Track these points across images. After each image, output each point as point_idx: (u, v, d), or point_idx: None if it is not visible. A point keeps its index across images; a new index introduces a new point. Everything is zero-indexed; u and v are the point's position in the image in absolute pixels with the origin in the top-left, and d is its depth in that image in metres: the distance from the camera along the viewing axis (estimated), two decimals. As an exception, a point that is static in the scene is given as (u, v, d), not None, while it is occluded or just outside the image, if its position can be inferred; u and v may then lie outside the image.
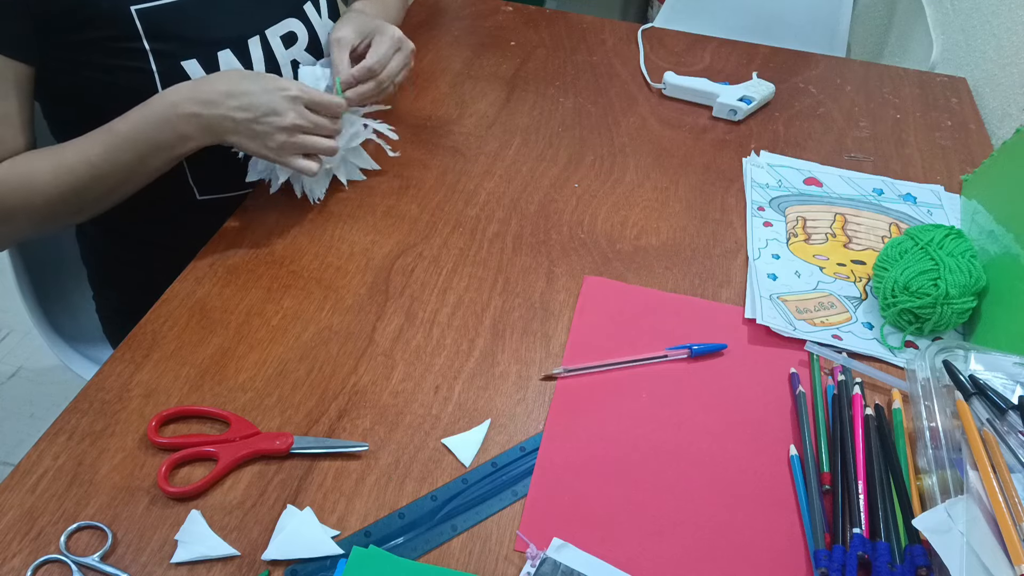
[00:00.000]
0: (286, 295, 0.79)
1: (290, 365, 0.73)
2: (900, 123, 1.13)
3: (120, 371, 0.71)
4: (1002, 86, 1.18)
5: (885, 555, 0.58)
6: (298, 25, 0.91)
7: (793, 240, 0.91)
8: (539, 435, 0.68)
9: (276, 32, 0.89)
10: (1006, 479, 0.58)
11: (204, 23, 0.82)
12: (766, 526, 0.63)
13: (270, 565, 0.58)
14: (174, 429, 0.67)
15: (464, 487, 0.64)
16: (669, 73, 1.15)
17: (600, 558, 0.60)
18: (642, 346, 0.76)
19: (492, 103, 1.11)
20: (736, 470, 0.67)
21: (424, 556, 0.60)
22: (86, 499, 0.61)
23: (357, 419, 0.69)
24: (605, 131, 1.07)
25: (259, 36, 0.87)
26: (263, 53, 0.88)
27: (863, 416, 0.69)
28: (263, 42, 0.88)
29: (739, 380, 0.74)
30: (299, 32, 0.92)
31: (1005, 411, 0.65)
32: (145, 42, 0.79)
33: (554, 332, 0.78)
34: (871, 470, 0.65)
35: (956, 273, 0.76)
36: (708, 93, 1.12)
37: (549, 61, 1.22)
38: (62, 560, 0.58)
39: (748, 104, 1.10)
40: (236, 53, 0.85)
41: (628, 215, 0.93)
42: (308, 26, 0.93)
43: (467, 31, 1.29)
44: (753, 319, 0.80)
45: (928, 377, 0.68)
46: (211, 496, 0.62)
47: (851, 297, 0.84)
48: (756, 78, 1.15)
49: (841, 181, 1.00)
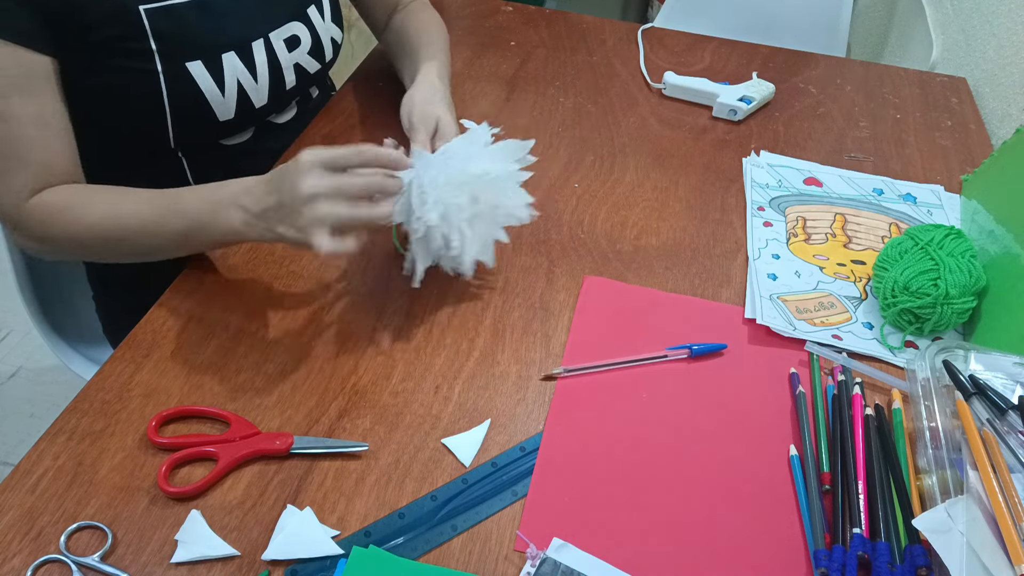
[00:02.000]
0: (286, 295, 0.79)
1: (290, 365, 0.73)
2: (900, 123, 1.13)
3: (120, 371, 0.71)
4: (1002, 86, 1.18)
5: (885, 555, 0.58)
6: (301, 28, 0.92)
7: (793, 240, 0.91)
8: (539, 435, 0.68)
9: (280, 35, 0.89)
10: (1006, 479, 0.57)
11: (210, 25, 0.83)
12: (766, 526, 0.63)
13: (270, 565, 0.58)
14: (174, 429, 0.67)
15: (464, 487, 0.64)
16: (669, 73, 1.15)
17: (600, 558, 0.60)
18: (642, 346, 0.76)
19: (492, 103, 1.11)
20: (736, 470, 0.67)
21: (424, 556, 0.60)
22: (86, 499, 0.61)
23: (357, 419, 0.69)
24: (605, 131, 1.07)
25: (263, 39, 0.87)
26: (267, 56, 0.88)
27: (863, 416, 0.69)
28: (267, 45, 0.88)
29: (739, 380, 0.74)
30: (302, 35, 0.92)
31: (1005, 411, 0.65)
32: (152, 42, 0.79)
33: (554, 332, 0.78)
34: (871, 470, 0.65)
35: (956, 273, 0.76)
36: (708, 93, 1.12)
37: (549, 61, 1.22)
38: (62, 560, 0.57)
39: (748, 104, 1.10)
40: (240, 56, 0.85)
41: (628, 215, 0.93)
42: (311, 29, 0.93)
43: (467, 31, 1.29)
44: (753, 319, 0.80)
45: (928, 377, 0.68)
46: (211, 496, 0.62)
47: (851, 297, 0.84)
48: (756, 78, 1.15)
49: (841, 181, 1.00)
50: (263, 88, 0.89)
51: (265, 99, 0.90)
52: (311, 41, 0.93)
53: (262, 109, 0.91)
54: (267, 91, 0.90)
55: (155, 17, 0.78)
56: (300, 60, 0.92)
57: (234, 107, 0.86)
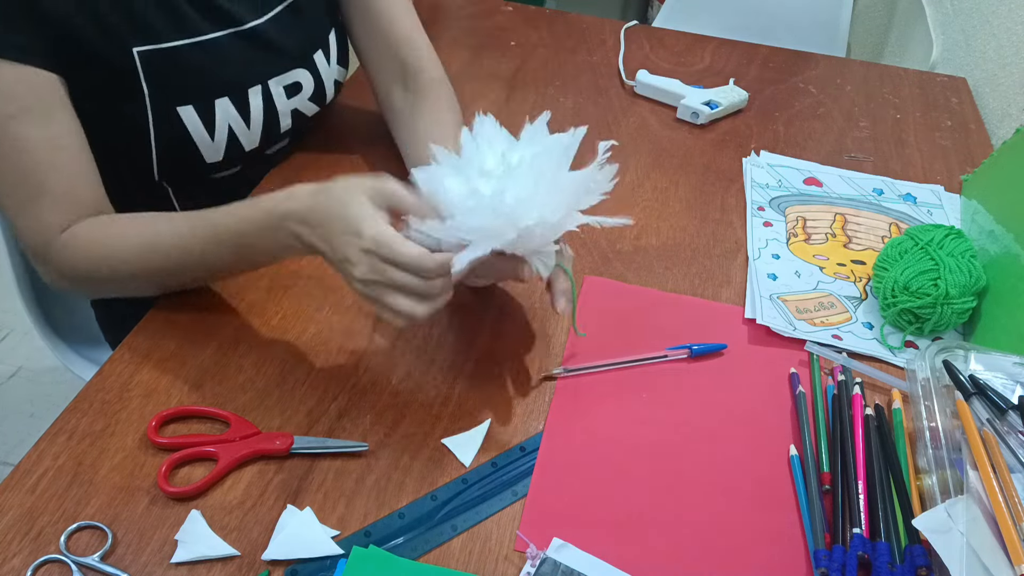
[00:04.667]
0: (286, 295, 0.79)
1: (290, 365, 0.72)
2: (900, 123, 1.13)
3: (120, 371, 0.71)
4: (1002, 86, 1.18)
5: (885, 555, 0.58)
6: (305, 75, 0.88)
7: (793, 240, 0.91)
8: (539, 435, 0.68)
9: (280, 82, 0.86)
10: (1006, 479, 0.57)
11: (205, 70, 0.80)
12: (766, 526, 0.63)
13: (270, 565, 0.58)
14: (174, 429, 0.67)
15: (464, 487, 0.64)
16: (642, 72, 1.14)
17: (600, 558, 0.60)
18: (642, 346, 0.76)
19: (492, 103, 1.11)
20: (736, 470, 0.67)
21: (424, 556, 0.60)
22: (86, 499, 0.61)
23: (357, 419, 0.69)
24: (605, 131, 1.07)
25: (261, 86, 0.84)
26: (263, 102, 0.85)
27: (863, 416, 0.69)
28: (264, 91, 0.85)
29: (739, 380, 0.74)
30: (305, 82, 0.88)
31: (1005, 411, 0.65)
32: (143, 83, 0.76)
33: (554, 332, 0.78)
34: (871, 470, 0.65)
35: (956, 273, 0.76)
36: (675, 94, 1.11)
37: (549, 61, 1.22)
38: (62, 560, 0.57)
39: (713, 109, 1.08)
40: (234, 101, 0.82)
41: (628, 215, 0.93)
42: (315, 75, 0.89)
43: (467, 31, 1.29)
44: (753, 319, 0.80)
45: (928, 377, 0.68)
46: (211, 496, 0.62)
47: (851, 297, 0.84)
48: (732, 85, 1.14)
49: (841, 181, 1.00)
50: (255, 133, 0.86)
51: (256, 143, 0.87)
52: (313, 87, 0.89)
53: (252, 151, 0.87)
54: (259, 135, 0.86)
55: (149, 59, 0.76)
56: (299, 106, 0.89)
57: (223, 151, 0.84)
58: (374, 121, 0.99)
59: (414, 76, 0.91)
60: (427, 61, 0.92)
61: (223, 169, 0.87)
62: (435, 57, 0.93)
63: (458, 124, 0.87)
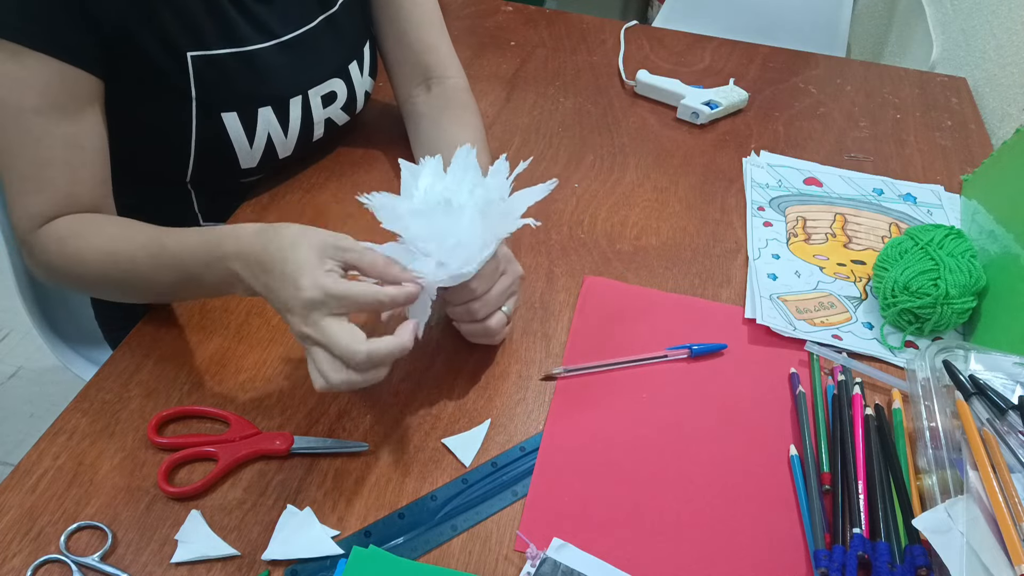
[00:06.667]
0: (286, 295, 0.79)
1: (290, 365, 0.72)
2: (900, 123, 1.13)
3: (120, 371, 0.71)
4: (1002, 86, 1.18)
5: (885, 555, 0.58)
6: (340, 85, 0.90)
7: (793, 240, 0.91)
8: (539, 435, 0.68)
9: (318, 92, 0.88)
10: (1006, 479, 0.58)
11: (254, 79, 0.81)
12: (766, 526, 0.63)
13: (270, 565, 0.58)
14: (174, 429, 0.67)
15: (464, 487, 0.64)
16: (642, 72, 1.14)
17: (600, 558, 0.60)
18: (642, 346, 0.76)
19: (492, 103, 1.11)
20: (736, 470, 0.67)
21: (424, 556, 0.60)
22: (86, 499, 0.61)
23: (357, 419, 0.69)
24: (605, 131, 1.07)
25: (301, 96, 0.86)
26: (301, 112, 0.86)
27: (863, 416, 0.69)
28: (304, 101, 0.86)
29: (739, 380, 0.74)
30: (339, 91, 0.90)
31: (1005, 411, 0.65)
32: (193, 88, 0.77)
33: (554, 332, 0.78)
34: (871, 470, 0.65)
35: (956, 273, 0.76)
36: (675, 94, 1.11)
37: (549, 61, 1.22)
38: (62, 560, 0.57)
39: (713, 109, 1.08)
40: (276, 110, 0.84)
41: (628, 215, 0.93)
42: (349, 85, 0.91)
43: (467, 31, 1.29)
44: (753, 319, 0.80)
45: (928, 377, 0.68)
46: (211, 496, 0.62)
47: (851, 297, 0.84)
48: (732, 85, 1.14)
49: (841, 181, 1.00)
50: (291, 141, 0.88)
51: (290, 151, 0.89)
52: (347, 96, 0.91)
53: (284, 159, 0.89)
54: (295, 144, 0.89)
55: (200, 65, 0.77)
56: (332, 115, 0.91)
57: (259, 158, 0.85)
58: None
59: (439, 81, 0.93)
60: (452, 68, 0.94)
61: (252, 175, 0.89)
62: (459, 65, 0.95)
63: (481, 131, 0.89)
